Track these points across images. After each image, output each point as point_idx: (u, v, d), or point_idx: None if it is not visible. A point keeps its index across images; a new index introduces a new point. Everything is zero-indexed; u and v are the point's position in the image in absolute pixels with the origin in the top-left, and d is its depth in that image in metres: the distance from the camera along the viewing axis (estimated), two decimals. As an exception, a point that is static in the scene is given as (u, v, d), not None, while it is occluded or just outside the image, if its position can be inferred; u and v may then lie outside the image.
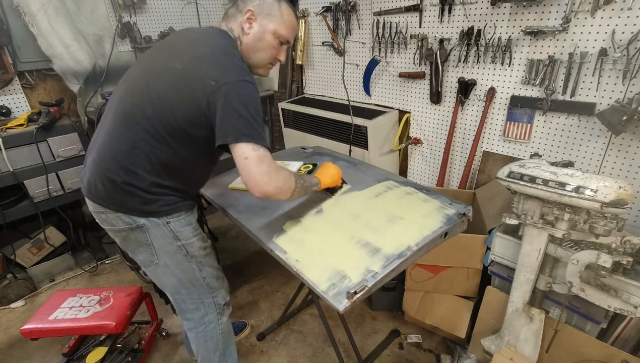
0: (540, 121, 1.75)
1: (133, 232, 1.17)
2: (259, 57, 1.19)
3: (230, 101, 0.99)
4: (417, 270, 1.78)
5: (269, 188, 1.01)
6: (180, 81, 1.04)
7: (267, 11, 1.15)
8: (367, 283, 0.97)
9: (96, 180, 1.12)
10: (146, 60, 1.18)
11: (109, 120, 1.13)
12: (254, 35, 1.15)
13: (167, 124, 1.06)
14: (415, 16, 2.04)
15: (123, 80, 1.20)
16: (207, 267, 1.32)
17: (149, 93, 1.06)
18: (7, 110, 2.28)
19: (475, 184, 2.09)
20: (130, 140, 1.07)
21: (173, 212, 1.19)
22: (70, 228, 2.53)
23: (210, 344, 1.41)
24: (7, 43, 2.16)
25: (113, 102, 1.16)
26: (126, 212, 1.14)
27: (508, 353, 1.35)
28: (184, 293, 1.31)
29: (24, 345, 1.98)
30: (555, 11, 1.56)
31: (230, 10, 1.19)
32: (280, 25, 1.16)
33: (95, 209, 1.18)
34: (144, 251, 1.22)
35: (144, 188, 1.11)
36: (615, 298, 1.17)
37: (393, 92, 2.35)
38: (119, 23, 2.52)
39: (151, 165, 1.09)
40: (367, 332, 1.96)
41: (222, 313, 1.40)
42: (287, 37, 1.19)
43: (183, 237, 1.22)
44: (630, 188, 1.08)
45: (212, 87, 0.99)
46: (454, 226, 1.17)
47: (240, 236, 2.66)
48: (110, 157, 1.09)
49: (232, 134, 0.99)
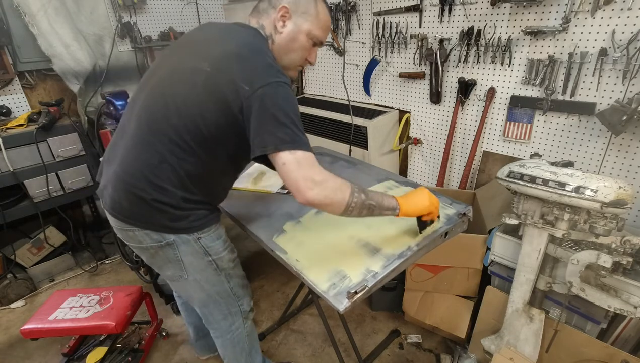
0: (540, 121, 1.75)
1: (162, 249, 1.11)
2: (290, 59, 1.09)
3: (267, 106, 0.90)
4: (417, 270, 1.78)
5: (313, 194, 0.88)
6: (210, 84, 0.94)
7: (304, 9, 1.04)
8: (368, 283, 0.97)
9: (121, 196, 1.04)
10: (167, 62, 1.08)
11: (131, 130, 1.04)
12: (287, 35, 1.05)
13: (196, 132, 0.97)
14: (415, 16, 2.04)
15: (142, 84, 1.10)
16: (234, 278, 1.28)
17: (174, 99, 0.98)
18: (7, 110, 2.28)
19: (475, 184, 2.09)
20: (157, 152, 0.99)
21: (204, 227, 1.12)
22: (70, 228, 2.53)
23: (237, 348, 1.40)
24: (7, 43, 2.16)
25: (134, 109, 1.07)
26: (155, 229, 1.07)
27: (508, 353, 1.35)
28: (211, 306, 1.28)
29: (24, 345, 1.98)
30: (555, 11, 1.56)
31: (262, 4, 1.08)
32: (316, 25, 1.05)
33: (120, 227, 1.10)
34: (173, 267, 1.16)
35: (174, 204, 1.04)
36: (615, 298, 1.17)
37: (393, 92, 2.35)
38: (119, 23, 2.52)
39: (178, 179, 1.02)
40: (367, 332, 1.96)
41: (247, 318, 1.38)
42: (322, 38, 1.09)
43: (213, 252, 1.17)
44: (630, 188, 1.08)
45: (246, 92, 0.90)
46: (454, 226, 1.17)
47: (240, 236, 2.66)
48: (137, 172, 1.01)
49: (271, 143, 0.89)
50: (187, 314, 1.67)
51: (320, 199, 0.90)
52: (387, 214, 1.03)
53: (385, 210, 1.01)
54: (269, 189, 1.53)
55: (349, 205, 0.94)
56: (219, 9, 3.10)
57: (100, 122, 2.18)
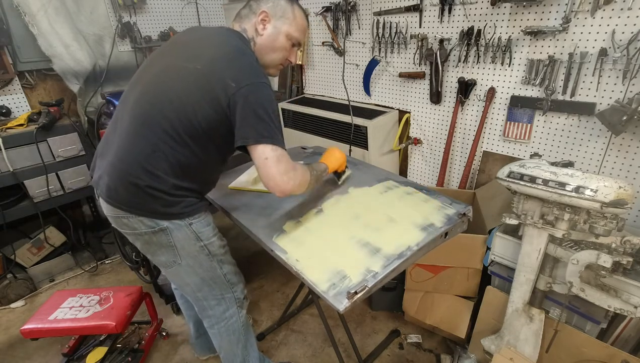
0: (540, 121, 1.75)
1: (155, 235, 1.17)
2: (271, 58, 1.21)
3: (250, 103, 1.01)
4: (417, 270, 1.78)
5: (289, 187, 1.05)
6: (202, 81, 1.04)
7: (281, 13, 1.17)
8: (368, 283, 0.97)
9: (117, 184, 1.11)
10: (158, 61, 1.17)
11: (126, 123, 1.11)
12: (267, 37, 1.17)
13: (188, 125, 1.06)
14: (415, 16, 2.04)
15: (134, 82, 1.19)
16: (226, 264, 1.34)
17: (168, 94, 1.07)
18: (7, 110, 2.28)
19: (475, 184, 2.09)
20: (151, 142, 1.07)
21: (194, 213, 1.19)
22: (70, 228, 2.54)
23: (233, 337, 1.43)
24: (7, 43, 2.16)
25: (127, 104, 1.15)
26: (149, 215, 1.14)
27: (508, 353, 1.35)
28: (205, 290, 1.32)
29: (24, 345, 1.98)
30: (555, 11, 1.56)
31: (243, 11, 1.21)
32: (293, 27, 1.18)
33: (114, 214, 1.16)
34: (166, 252, 1.22)
35: (166, 191, 1.11)
36: (615, 298, 1.17)
37: (393, 92, 2.35)
38: (119, 23, 2.52)
39: (170, 167, 1.09)
40: (367, 332, 1.96)
41: (241, 306, 1.42)
42: (299, 38, 1.22)
43: (205, 237, 1.23)
44: (630, 188, 1.08)
45: (232, 89, 1.01)
46: (454, 226, 1.17)
47: (240, 236, 2.66)
48: (132, 160, 1.08)
49: (252, 136, 1.02)
50: (186, 307, 1.68)
51: (294, 188, 1.07)
52: (324, 176, 1.30)
53: (323, 173, 1.28)
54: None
55: (309, 184, 1.15)
56: (219, 8, 3.10)
57: (101, 122, 2.19)
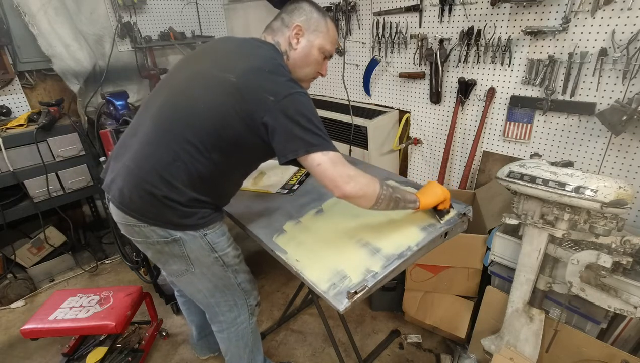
0: (540, 121, 1.75)
1: (168, 245, 1.13)
2: (305, 72, 1.19)
3: (291, 115, 0.98)
4: (417, 270, 1.78)
5: (349, 188, 0.99)
6: (235, 93, 1.00)
7: (315, 27, 1.15)
8: (368, 283, 0.97)
9: (131, 191, 1.06)
10: (186, 69, 1.14)
11: (147, 128, 1.08)
12: (301, 51, 1.15)
13: (215, 136, 1.03)
14: (415, 16, 2.04)
15: (160, 87, 1.17)
16: (241, 273, 1.31)
17: (196, 104, 1.03)
18: (7, 110, 2.28)
19: (475, 184, 2.09)
20: (172, 151, 1.03)
21: (209, 223, 1.16)
22: (70, 228, 2.54)
23: (241, 343, 1.42)
24: (7, 43, 2.16)
25: (149, 109, 1.11)
26: (162, 225, 1.10)
27: (508, 353, 1.35)
28: (218, 296, 1.30)
29: (24, 345, 1.98)
30: (555, 11, 1.56)
31: (275, 23, 1.18)
32: (326, 40, 1.17)
33: (125, 221, 1.11)
34: (179, 262, 1.18)
35: (183, 202, 1.07)
36: (615, 298, 1.17)
37: (393, 92, 2.35)
38: (119, 23, 2.52)
39: (189, 178, 1.05)
40: (367, 332, 1.96)
41: (253, 313, 1.41)
42: (331, 52, 1.21)
43: (219, 248, 1.20)
44: (630, 188, 1.08)
45: (270, 102, 0.98)
46: (454, 226, 1.17)
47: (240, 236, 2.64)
48: (150, 168, 1.04)
49: (302, 147, 0.98)
50: (189, 313, 1.68)
51: (356, 191, 1.00)
52: (409, 207, 1.14)
53: (408, 203, 1.13)
54: (269, 189, 1.53)
55: (379, 197, 1.04)
56: (219, 9, 3.10)
57: (100, 122, 2.19)
